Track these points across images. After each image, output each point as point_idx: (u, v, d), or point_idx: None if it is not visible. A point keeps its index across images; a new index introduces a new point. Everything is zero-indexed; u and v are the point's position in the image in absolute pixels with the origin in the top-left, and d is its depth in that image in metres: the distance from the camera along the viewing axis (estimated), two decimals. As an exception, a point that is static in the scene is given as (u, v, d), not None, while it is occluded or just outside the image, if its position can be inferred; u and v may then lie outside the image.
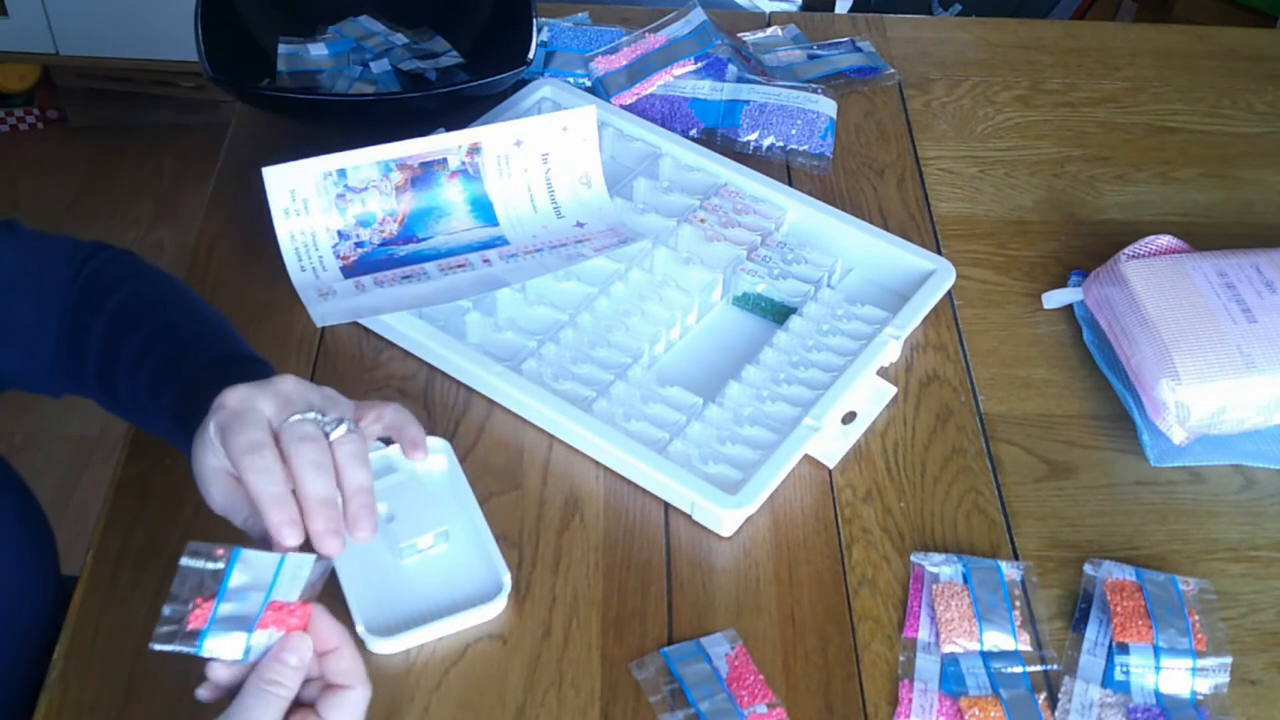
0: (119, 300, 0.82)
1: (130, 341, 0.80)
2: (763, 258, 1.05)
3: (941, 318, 1.07)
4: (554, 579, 0.86)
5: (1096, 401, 1.02)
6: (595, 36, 1.27)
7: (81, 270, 0.83)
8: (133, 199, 2.50)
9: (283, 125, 1.18)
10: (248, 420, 0.68)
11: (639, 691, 0.80)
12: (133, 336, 0.81)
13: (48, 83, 2.58)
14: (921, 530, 0.91)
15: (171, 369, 0.79)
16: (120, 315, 0.82)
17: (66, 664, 0.80)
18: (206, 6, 1.14)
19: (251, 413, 0.69)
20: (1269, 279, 1.00)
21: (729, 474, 0.90)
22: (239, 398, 0.70)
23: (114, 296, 0.82)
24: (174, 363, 0.79)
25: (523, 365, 0.96)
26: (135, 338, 0.81)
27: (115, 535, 0.87)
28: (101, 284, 0.83)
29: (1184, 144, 1.28)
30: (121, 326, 0.81)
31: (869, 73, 1.31)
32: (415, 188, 1.03)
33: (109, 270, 0.84)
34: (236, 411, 0.69)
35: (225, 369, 0.78)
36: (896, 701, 0.81)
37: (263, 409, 0.69)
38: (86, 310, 0.82)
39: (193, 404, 0.75)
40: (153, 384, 0.79)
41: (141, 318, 0.82)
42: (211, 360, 0.80)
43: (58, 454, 2.05)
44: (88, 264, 0.84)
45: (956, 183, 1.21)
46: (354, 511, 0.69)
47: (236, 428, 0.68)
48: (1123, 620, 0.85)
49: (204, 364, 0.79)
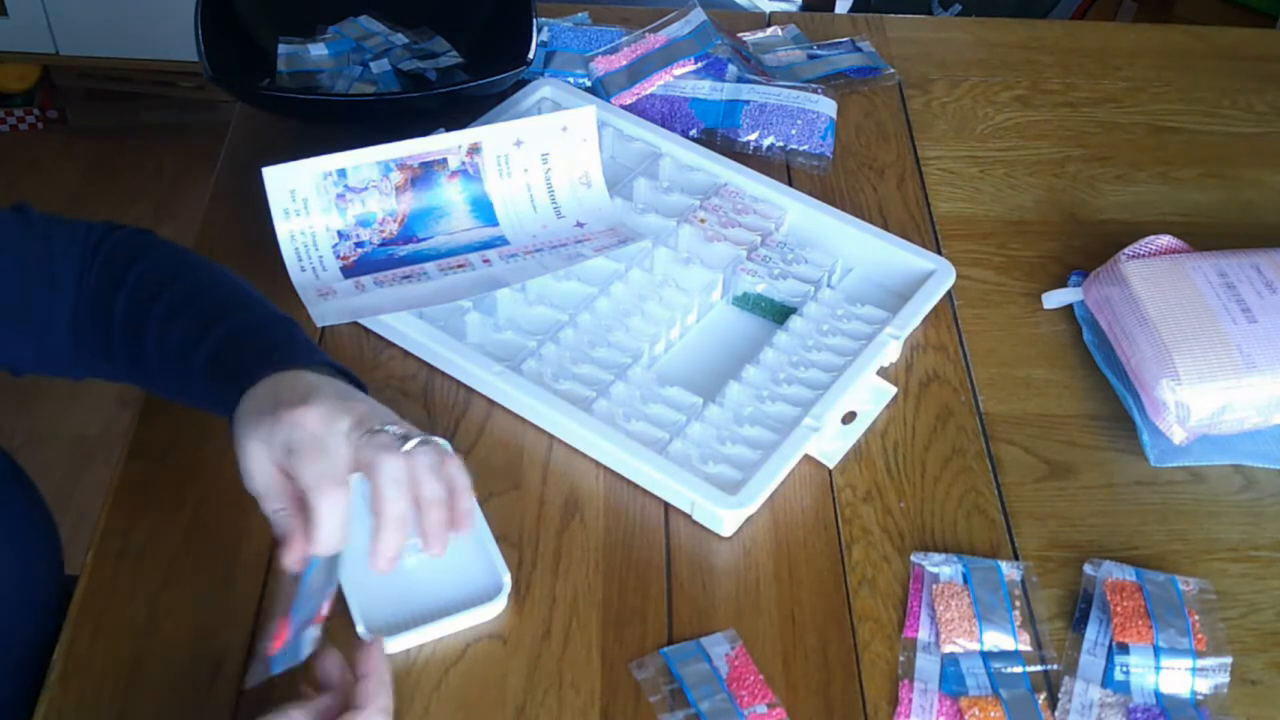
0: (139, 271, 0.82)
1: (155, 309, 0.80)
2: (763, 258, 1.05)
3: (941, 318, 1.07)
4: (554, 579, 0.86)
5: (1096, 401, 1.02)
6: (595, 36, 1.27)
7: (97, 251, 0.83)
8: (133, 199, 2.50)
9: (283, 125, 1.18)
10: (327, 449, 0.68)
11: (639, 691, 0.80)
12: (156, 304, 0.80)
13: (48, 83, 2.58)
14: (921, 530, 0.91)
15: (202, 332, 0.79)
16: (141, 285, 0.82)
17: (66, 664, 0.80)
18: (206, 6, 1.15)
19: (330, 438, 0.69)
20: (1269, 279, 1.00)
21: (729, 474, 0.90)
22: (319, 419, 0.69)
23: (133, 269, 0.82)
24: (204, 326, 0.79)
25: (523, 365, 0.96)
26: (160, 305, 0.80)
27: (115, 535, 0.87)
28: (120, 259, 0.83)
29: (1184, 144, 1.28)
30: (144, 295, 0.81)
31: (869, 73, 1.31)
32: (415, 188, 1.03)
33: (126, 245, 0.84)
34: (315, 436, 0.69)
35: (259, 332, 0.79)
36: (896, 701, 0.81)
37: (340, 430, 0.69)
38: (107, 287, 0.82)
39: (227, 370, 0.76)
40: (184, 348, 0.79)
41: (164, 285, 0.82)
42: (242, 325, 0.80)
43: (58, 454, 2.05)
44: (103, 244, 0.84)
45: (956, 183, 1.21)
46: (427, 526, 0.70)
47: (313, 456, 0.68)
48: (1123, 620, 0.85)
49: (236, 327, 0.79)
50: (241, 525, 0.87)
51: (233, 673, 0.80)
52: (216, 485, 0.89)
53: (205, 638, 0.81)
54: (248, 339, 0.79)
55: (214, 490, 0.89)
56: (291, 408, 0.69)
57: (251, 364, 0.75)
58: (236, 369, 0.75)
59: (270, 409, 0.70)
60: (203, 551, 0.86)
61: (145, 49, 2.42)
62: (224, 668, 0.80)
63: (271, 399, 0.71)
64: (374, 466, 0.68)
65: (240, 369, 0.75)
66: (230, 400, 0.74)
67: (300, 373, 0.74)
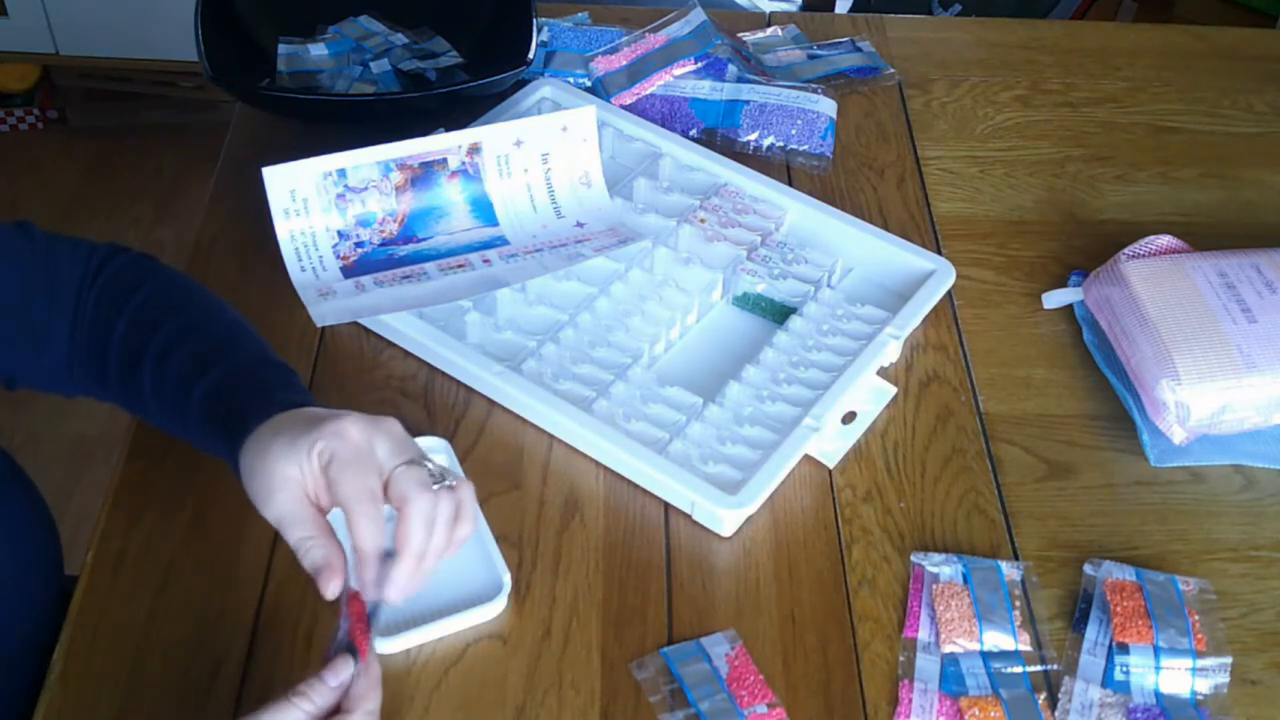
0: (140, 300, 0.82)
1: (155, 340, 0.80)
2: (763, 258, 1.05)
3: (941, 318, 1.07)
4: (554, 579, 0.86)
5: (1096, 401, 1.02)
6: (595, 36, 1.27)
7: (99, 274, 0.83)
8: (133, 199, 2.50)
9: (283, 125, 1.18)
10: (367, 464, 0.69)
11: (639, 691, 0.80)
12: (157, 334, 0.81)
13: (48, 83, 2.58)
14: (921, 530, 0.91)
15: (201, 368, 0.79)
16: (142, 313, 0.82)
17: (66, 664, 0.80)
18: (206, 6, 1.15)
19: (371, 456, 0.69)
20: (1269, 279, 1.00)
21: (729, 474, 0.90)
22: (361, 434, 0.70)
23: (135, 297, 0.82)
24: (203, 362, 0.79)
25: (523, 365, 0.96)
26: (160, 335, 0.81)
27: (115, 535, 0.87)
28: (122, 285, 0.83)
29: (1184, 144, 1.28)
30: (144, 324, 0.81)
31: (869, 73, 1.31)
32: (415, 188, 1.03)
33: (129, 272, 0.84)
34: (358, 449, 0.69)
35: (261, 369, 0.79)
36: (896, 701, 0.81)
37: (378, 451, 0.70)
38: (107, 311, 0.82)
39: (224, 406, 0.75)
40: (181, 381, 0.79)
41: (164, 315, 0.82)
42: (242, 363, 0.80)
43: (58, 454, 2.05)
44: (105, 267, 0.84)
45: (956, 183, 1.21)
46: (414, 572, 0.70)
47: (356, 468, 0.68)
48: (1123, 620, 0.85)
49: (235, 366, 0.79)
50: (241, 526, 0.87)
51: (233, 673, 0.80)
52: (216, 485, 0.89)
53: (205, 638, 0.81)
54: (252, 375, 0.79)
55: (214, 490, 0.89)
56: (334, 419, 0.70)
57: (258, 400, 0.75)
58: (244, 405, 0.75)
59: (305, 426, 0.70)
60: (203, 551, 0.86)
61: (145, 49, 2.42)
62: (224, 668, 0.80)
63: (303, 420, 0.71)
64: (408, 501, 0.68)
65: (249, 405, 0.75)
66: (234, 433, 0.74)
67: (313, 408, 0.75)
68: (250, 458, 0.71)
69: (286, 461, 0.69)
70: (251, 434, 0.72)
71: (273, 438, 0.71)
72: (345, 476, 0.68)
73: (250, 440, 0.72)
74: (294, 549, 0.70)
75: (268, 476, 0.70)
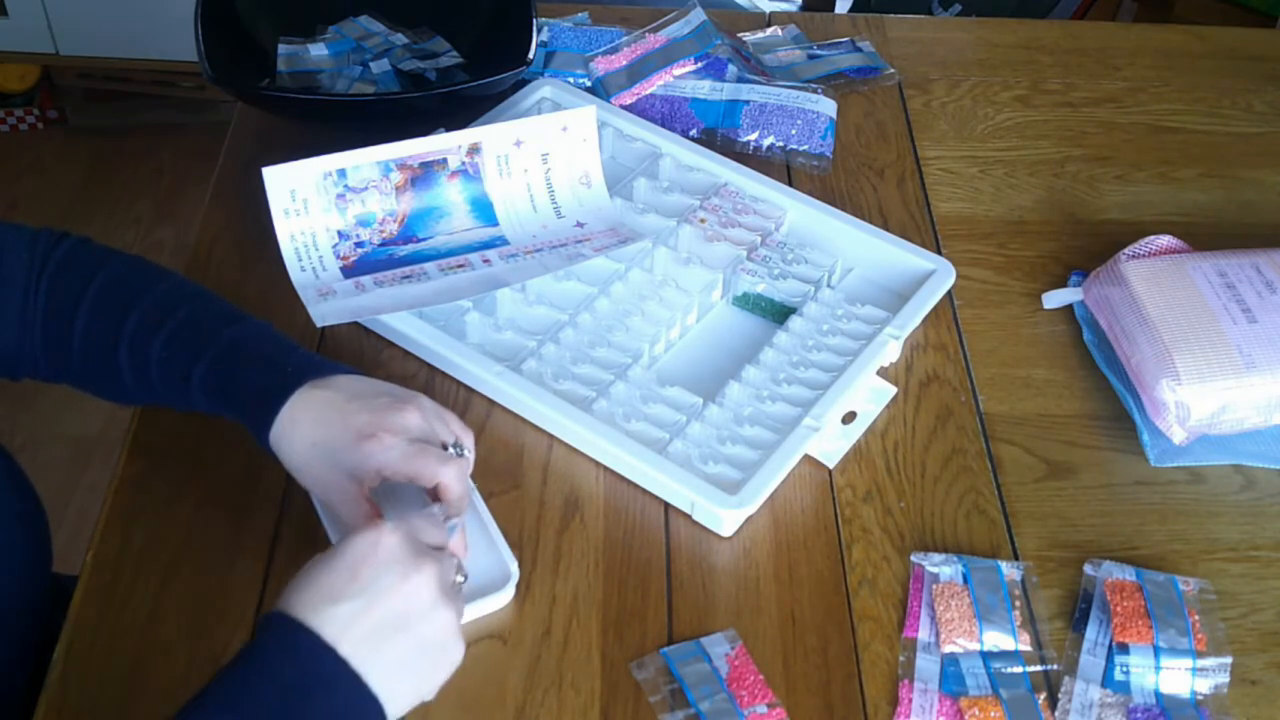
0: (100, 284, 0.82)
1: (128, 320, 0.81)
2: (763, 258, 1.05)
3: (941, 318, 1.07)
4: (554, 579, 0.86)
5: (1096, 401, 1.02)
6: (595, 36, 1.27)
7: (47, 259, 0.83)
8: (133, 199, 2.50)
9: (283, 125, 1.18)
10: (415, 459, 0.76)
11: (639, 691, 0.80)
12: (129, 315, 0.81)
13: (48, 83, 2.57)
14: (921, 530, 0.91)
15: (190, 350, 0.80)
16: (106, 296, 0.82)
17: (66, 664, 0.80)
18: (206, 6, 1.14)
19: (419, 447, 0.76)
20: (1269, 279, 1.00)
21: (729, 474, 0.90)
22: (402, 441, 0.76)
23: (93, 282, 0.82)
24: (189, 343, 0.80)
25: (523, 365, 0.96)
26: (133, 315, 0.81)
27: (115, 535, 0.87)
28: (77, 270, 0.83)
29: (1184, 144, 1.28)
30: (112, 306, 0.82)
31: (869, 73, 1.31)
32: (415, 188, 1.03)
33: (80, 257, 0.84)
34: (405, 453, 0.75)
35: (252, 346, 0.81)
36: (896, 701, 0.81)
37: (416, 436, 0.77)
38: (63, 299, 0.82)
39: (233, 385, 0.79)
40: (170, 363, 0.80)
41: (134, 295, 0.82)
42: (235, 339, 0.81)
43: (58, 454, 2.05)
44: (53, 253, 0.83)
45: (956, 183, 1.21)
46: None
47: (405, 470, 0.76)
48: (1123, 620, 0.85)
49: (232, 341, 0.81)
50: (241, 525, 0.87)
51: (233, 673, 0.80)
52: (216, 485, 0.89)
53: (205, 638, 0.81)
54: (251, 351, 0.81)
55: (214, 490, 0.89)
56: (371, 438, 0.75)
57: (269, 374, 0.79)
58: (257, 383, 0.79)
59: (345, 438, 0.76)
60: (203, 551, 0.86)
61: (145, 49, 2.42)
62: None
63: (338, 419, 0.77)
64: (445, 483, 0.77)
65: (264, 382, 0.78)
66: (251, 412, 0.78)
67: (336, 378, 0.79)
68: (287, 449, 0.77)
69: (335, 471, 0.76)
70: (278, 416, 0.77)
71: (311, 433, 0.76)
72: (399, 477, 0.76)
73: (279, 424, 0.77)
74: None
75: (315, 480, 0.78)
